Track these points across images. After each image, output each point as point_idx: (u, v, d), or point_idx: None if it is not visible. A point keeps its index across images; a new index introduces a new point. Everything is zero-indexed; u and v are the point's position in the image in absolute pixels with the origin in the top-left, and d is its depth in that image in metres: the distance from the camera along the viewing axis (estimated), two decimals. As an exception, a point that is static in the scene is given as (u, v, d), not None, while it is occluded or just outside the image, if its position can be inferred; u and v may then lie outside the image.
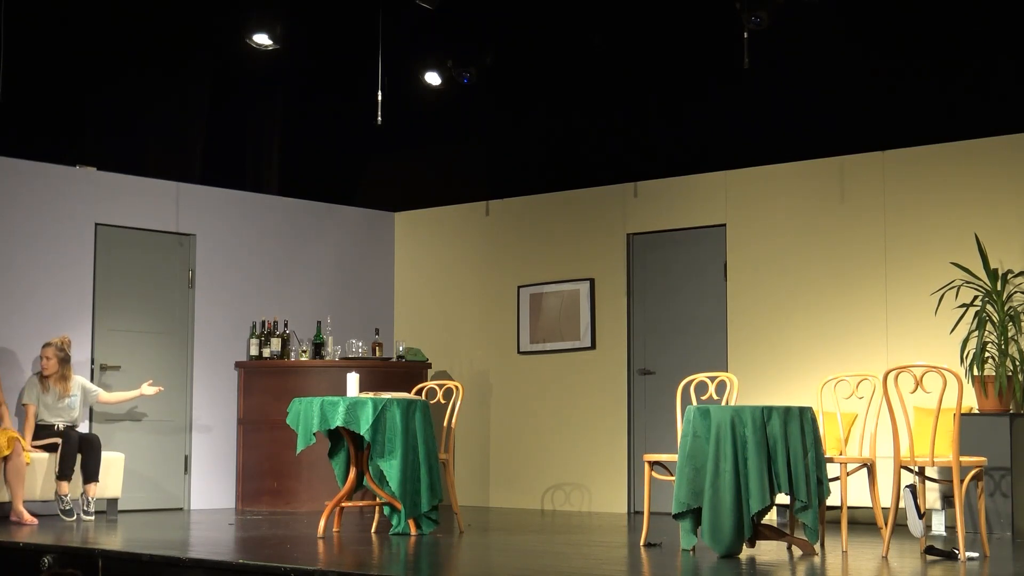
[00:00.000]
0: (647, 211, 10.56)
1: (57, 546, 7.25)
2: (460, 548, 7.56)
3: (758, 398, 9.46)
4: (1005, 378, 8.28)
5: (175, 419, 10.55)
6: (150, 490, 10.32)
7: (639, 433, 10.40)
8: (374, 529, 8.36)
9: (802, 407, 6.90)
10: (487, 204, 11.51)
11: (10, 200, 9.81)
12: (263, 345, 10.81)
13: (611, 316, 10.60)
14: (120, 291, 10.32)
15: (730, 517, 6.68)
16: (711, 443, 6.78)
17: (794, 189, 9.88)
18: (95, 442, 9.37)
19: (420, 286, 11.88)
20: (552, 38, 10.58)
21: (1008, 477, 8.13)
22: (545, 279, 11.01)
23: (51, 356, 9.42)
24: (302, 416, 7.98)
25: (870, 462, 7.31)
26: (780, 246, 9.86)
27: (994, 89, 9.07)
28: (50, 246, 9.93)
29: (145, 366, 10.39)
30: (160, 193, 10.61)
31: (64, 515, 9.10)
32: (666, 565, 6.69)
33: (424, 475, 8.00)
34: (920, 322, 9.05)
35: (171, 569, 6.62)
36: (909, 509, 6.74)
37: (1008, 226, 8.84)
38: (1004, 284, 8.49)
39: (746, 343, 9.90)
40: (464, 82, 10.37)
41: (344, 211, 11.77)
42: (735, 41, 9.00)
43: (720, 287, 10.13)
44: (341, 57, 10.84)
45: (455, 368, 11.43)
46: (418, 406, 8.09)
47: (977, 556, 6.73)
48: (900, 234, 9.32)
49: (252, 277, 11.07)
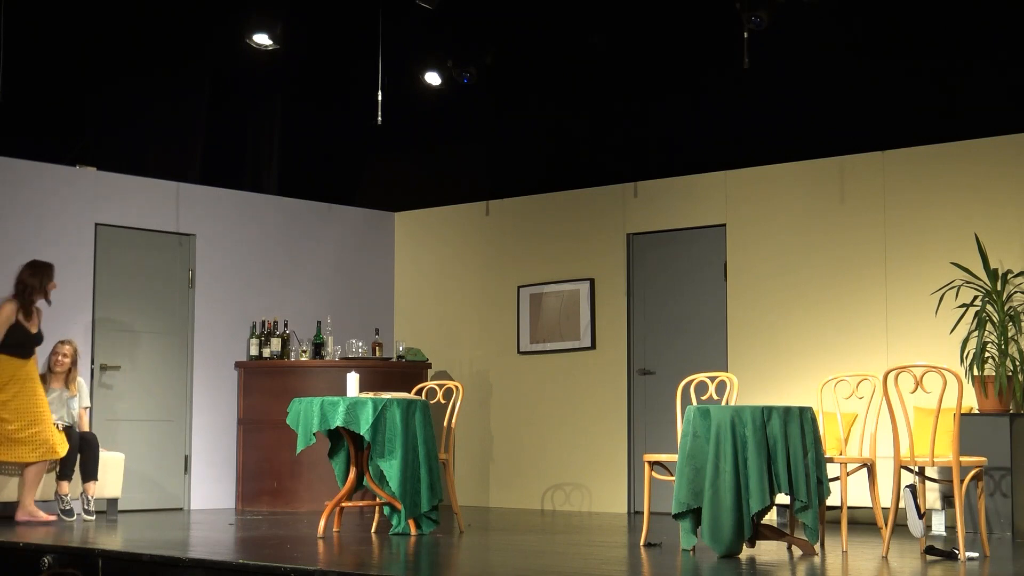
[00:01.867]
0: (647, 211, 10.56)
1: (57, 546, 7.24)
2: (460, 548, 7.56)
3: (758, 398, 9.46)
4: (1005, 378, 8.27)
5: (175, 419, 10.55)
6: (150, 490, 10.32)
7: (639, 433, 10.40)
8: (374, 529, 8.35)
9: (802, 407, 6.90)
10: (487, 204, 11.51)
11: (10, 200, 9.81)
12: (263, 345, 10.81)
13: (611, 316, 10.60)
14: (120, 291, 10.32)
15: (730, 517, 6.68)
16: (711, 443, 6.78)
17: (794, 189, 9.88)
18: (93, 441, 9.36)
19: (420, 286, 11.88)
20: (552, 38, 10.58)
21: (1008, 477, 8.13)
22: (545, 279, 11.01)
23: (68, 355, 9.44)
24: (302, 416, 7.98)
25: (870, 462, 7.31)
26: (780, 246, 9.86)
27: (994, 89, 9.07)
28: (50, 246, 9.92)
29: (145, 366, 10.40)
30: (160, 193, 10.61)
31: (64, 515, 9.10)
32: (666, 565, 6.69)
33: (424, 475, 8.00)
34: (920, 322, 9.05)
35: (171, 569, 6.61)
36: (909, 509, 6.74)
37: (1008, 226, 8.84)
38: (1004, 284, 8.49)
39: (746, 343, 9.90)
40: (464, 82, 10.37)
41: (344, 211, 11.77)
42: (735, 41, 9.01)
43: (720, 287, 10.13)
44: (341, 57, 10.84)
45: (455, 368, 11.43)
46: (418, 406, 8.09)
47: (977, 556, 6.73)
48: (900, 234, 9.32)
49: (252, 277, 11.08)
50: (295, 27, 9.86)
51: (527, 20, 10.41)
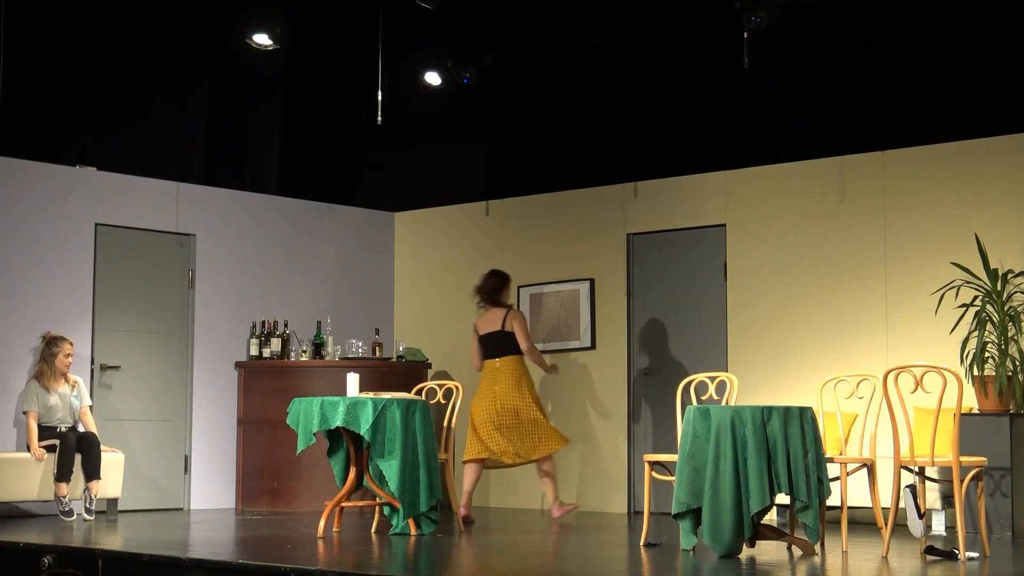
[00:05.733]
0: (647, 211, 10.56)
1: (57, 546, 7.25)
2: (460, 548, 7.56)
3: (758, 398, 9.46)
4: (1005, 378, 8.27)
5: (175, 419, 10.55)
6: (150, 490, 10.32)
7: (639, 433, 10.40)
8: (374, 529, 8.36)
9: (802, 407, 6.90)
10: (487, 204, 11.51)
11: (10, 200, 9.81)
12: (263, 345, 10.81)
13: (611, 316, 10.60)
14: (120, 291, 10.32)
15: (730, 517, 6.68)
16: (711, 443, 6.78)
17: (794, 189, 9.88)
18: (93, 440, 9.37)
19: (420, 286, 11.88)
20: (552, 38, 10.58)
21: (1008, 477, 8.13)
22: (545, 279, 11.01)
23: (71, 353, 9.47)
24: (302, 416, 7.98)
25: (870, 462, 7.31)
26: (780, 246, 9.86)
27: (995, 89, 9.07)
28: (50, 246, 9.93)
29: (145, 366, 10.40)
30: (160, 193, 10.61)
31: (64, 516, 9.11)
32: (666, 565, 6.69)
33: (423, 475, 8.00)
34: (920, 322, 9.05)
35: (171, 569, 6.62)
36: (909, 509, 6.74)
37: (1008, 226, 8.84)
38: (1004, 284, 8.49)
39: (746, 343, 9.90)
40: (464, 82, 10.36)
41: (344, 211, 11.77)
42: (735, 41, 9.00)
43: (720, 287, 10.13)
44: (341, 57, 10.84)
45: (455, 368, 11.43)
46: (418, 406, 8.09)
47: (977, 556, 6.73)
48: (900, 234, 9.32)
49: (252, 277, 11.08)
50: (295, 27, 9.86)
51: (527, 20, 10.40)
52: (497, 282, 9.70)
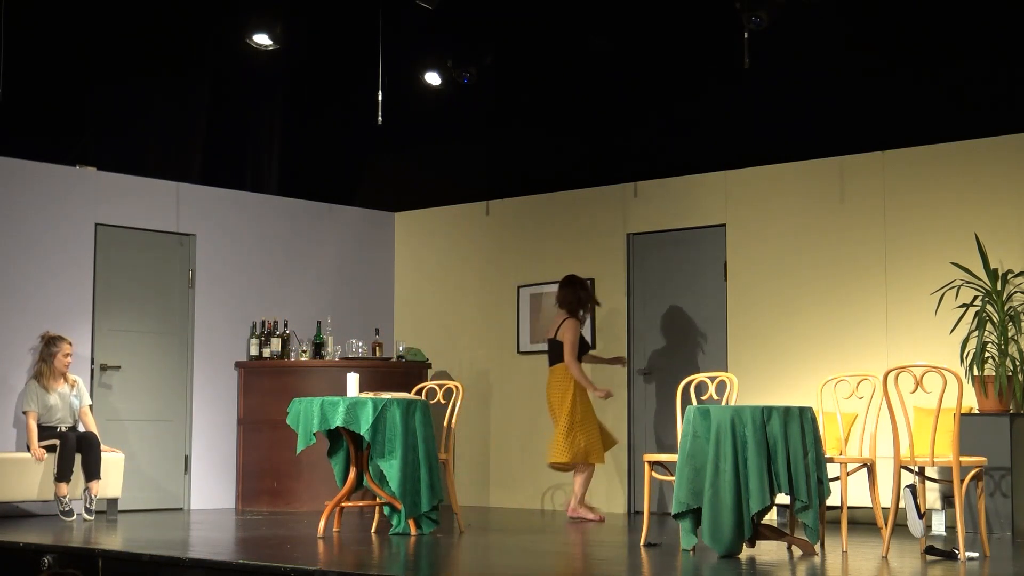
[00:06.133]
0: (647, 211, 10.56)
1: (57, 546, 7.25)
2: (460, 548, 7.56)
3: (758, 398, 9.46)
4: (1005, 378, 8.28)
5: (175, 419, 10.55)
6: (150, 490, 10.32)
7: (639, 433, 10.40)
8: (374, 529, 8.36)
9: (802, 407, 6.90)
10: (487, 204, 11.51)
11: (10, 200, 9.82)
12: (263, 345, 10.81)
13: (611, 316, 10.60)
14: (120, 291, 10.32)
15: (730, 517, 6.68)
16: (711, 443, 6.78)
17: (794, 189, 9.88)
18: (93, 440, 9.37)
19: (420, 286, 11.88)
20: (552, 38, 10.57)
21: (1008, 477, 8.13)
22: (545, 279, 11.00)
23: (70, 353, 9.48)
24: (302, 416, 7.98)
25: (870, 462, 7.31)
26: (780, 246, 9.86)
27: (994, 89, 9.07)
28: (50, 246, 9.93)
29: (145, 366, 10.40)
30: (160, 193, 10.61)
31: (64, 515, 9.11)
32: (666, 565, 6.69)
33: (424, 475, 8.00)
34: (920, 322, 9.05)
35: (171, 569, 6.62)
36: (909, 509, 6.74)
37: (1008, 226, 8.84)
38: (1004, 284, 8.49)
39: (746, 343, 9.90)
40: (464, 82, 10.36)
41: (344, 211, 11.77)
42: (735, 41, 9.00)
43: (720, 287, 10.13)
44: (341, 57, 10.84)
45: (455, 368, 11.43)
46: (418, 406, 8.09)
47: (977, 556, 6.73)
48: (900, 234, 9.32)
49: (252, 277, 11.08)
50: (295, 27, 9.85)
51: (527, 20, 10.40)
52: (561, 291, 9.68)
